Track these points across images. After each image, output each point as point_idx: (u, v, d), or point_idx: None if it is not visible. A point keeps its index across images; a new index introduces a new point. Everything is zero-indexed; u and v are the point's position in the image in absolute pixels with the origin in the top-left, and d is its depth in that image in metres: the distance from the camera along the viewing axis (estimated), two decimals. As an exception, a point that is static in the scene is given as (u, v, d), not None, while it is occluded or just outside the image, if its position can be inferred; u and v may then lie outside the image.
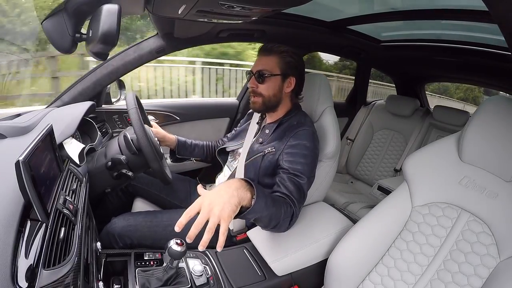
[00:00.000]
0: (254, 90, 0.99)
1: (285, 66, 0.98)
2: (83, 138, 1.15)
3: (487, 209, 0.74)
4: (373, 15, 1.44)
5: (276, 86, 0.98)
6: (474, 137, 0.77)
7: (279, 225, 0.82)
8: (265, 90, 0.98)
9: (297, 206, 0.86)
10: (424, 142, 1.99)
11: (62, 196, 0.66)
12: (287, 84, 1.00)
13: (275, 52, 0.98)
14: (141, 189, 1.22)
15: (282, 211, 0.80)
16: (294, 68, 0.99)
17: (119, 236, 0.95)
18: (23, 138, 0.86)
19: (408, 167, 0.88)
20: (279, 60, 0.97)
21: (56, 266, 0.50)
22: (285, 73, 0.98)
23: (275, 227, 0.83)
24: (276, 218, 0.79)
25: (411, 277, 0.79)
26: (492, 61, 1.52)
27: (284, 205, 0.82)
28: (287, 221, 0.85)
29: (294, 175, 0.89)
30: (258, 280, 0.86)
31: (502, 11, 0.48)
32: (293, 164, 0.91)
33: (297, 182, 0.88)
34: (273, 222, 0.79)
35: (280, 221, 0.81)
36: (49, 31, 0.71)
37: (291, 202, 0.85)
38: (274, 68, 0.97)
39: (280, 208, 0.80)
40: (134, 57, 1.37)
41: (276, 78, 0.98)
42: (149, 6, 0.94)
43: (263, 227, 0.85)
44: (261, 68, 0.98)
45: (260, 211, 0.71)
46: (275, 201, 0.79)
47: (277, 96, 0.99)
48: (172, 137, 1.21)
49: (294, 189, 0.87)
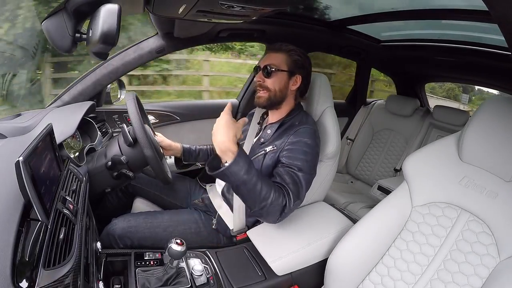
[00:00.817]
0: (260, 83, 1.01)
1: (292, 64, 1.00)
2: (83, 138, 1.15)
3: (487, 209, 0.74)
4: (373, 15, 1.44)
5: (282, 81, 1.00)
6: (474, 137, 0.77)
7: (267, 210, 0.82)
8: (271, 84, 1.00)
9: (292, 199, 0.85)
10: (424, 142, 1.99)
11: (62, 196, 0.66)
12: (293, 81, 1.01)
13: (283, 50, 1.00)
14: (141, 189, 1.22)
15: (271, 193, 0.81)
16: (301, 66, 1.01)
17: (119, 237, 0.95)
18: (23, 138, 0.87)
19: (408, 167, 0.88)
20: (286, 57, 1.00)
21: (56, 266, 0.50)
22: (292, 70, 1.00)
23: (262, 210, 0.82)
24: (259, 196, 0.80)
25: (411, 277, 0.79)
26: (492, 61, 1.52)
27: (275, 190, 0.82)
28: (277, 210, 0.83)
29: (292, 169, 0.90)
30: (258, 280, 0.86)
31: (502, 11, 0.48)
32: (293, 160, 0.91)
33: (295, 175, 0.89)
34: (257, 200, 0.80)
35: (267, 204, 0.81)
36: (49, 31, 0.71)
37: (285, 191, 0.85)
38: (281, 64, 0.99)
39: (269, 188, 0.81)
40: (134, 57, 1.37)
41: (283, 74, 0.99)
42: (149, 6, 0.94)
43: (248, 204, 0.86)
44: (269, 63, 1.00)
45: (238, 174, 0.76)
46: (263, 179, 0.81)
47: (282, 91, 1.01)
48: (178, 145, 1.22)
49: (291, 181, 0.87)
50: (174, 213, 1.07)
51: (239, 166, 0.76)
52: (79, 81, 1.31)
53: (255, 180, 0.79)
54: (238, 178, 0.77)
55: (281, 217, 0.86)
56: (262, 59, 1.04)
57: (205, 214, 1.10)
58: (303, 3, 1.43)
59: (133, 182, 1.20)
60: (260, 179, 0.80)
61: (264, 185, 0.80)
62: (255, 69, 1.06)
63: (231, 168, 0.76)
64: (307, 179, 0.92)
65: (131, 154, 0.99)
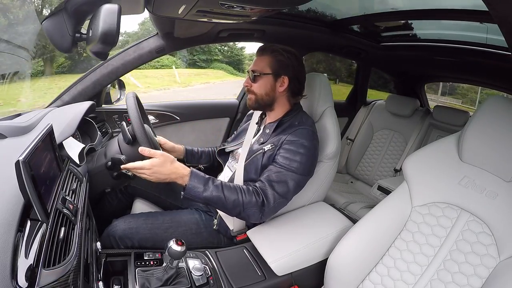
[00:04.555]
0: (248, 88, 1.04)
1: (276, 66, 0.99)
2: (83, 138, 1.15)
3: (487, 209, 0.74)
4: (373, 15, 1.44)
5: (267, 85, 1.00)
6: (474, 137, 0.77)
7: (245, 213, 0.88)
8: (257, 88, 1.01)
9: (271, 197, 0.89)
10: (424, 142, 1.99)
11: (62, 196, 0.66)
12: (280, 83, 1.00)
13: (267, 52, 1.00)
14: (141, 190, 1.22)
15: (239, 198, 0.87)
16: (285, 67, 0.99)
17: (119, 238, 0.94)
18: (23, 138, 0.86)
19: (408, 167, 0.88)
20: (270, 59, 0.99)
21: (56, 266, 0.50)
22: (276, 72, 0.99)
23: (240, 215, 0.89)
24: (228, 205, 0.86)
25: (411, 277, 0.79)
26: (492, 61, 1.52)
27: (244, 193, 0.88)
28: (255, 210, 0.88)
29: (283, 169, 0.91)
30: (258, 280, 0.86)
31: (502, 11, 0.48)
32: (286, 160, 0.92)
33: (283, 175, 0.91)
34: (229, 208, 0.87)
35: (241, 209, 0.87)
36: (49, 31, 0.71)
37: (262, 191, 0.89)
38: (265, 68, 1.00)
39: (235, 195, 0.87)
40: (134, 57, 1.37)
41: (267, 77, 1.00)
42: (149, 6, 0.94)
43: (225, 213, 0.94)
44: (254, 68, 1.01)
45: (197, 194, 0.84)
46: (225, 189, 0.87)
47: (269, 95, 1.01)
48: (180, 148, 1.21)
49: (277, 180, 0.90)
50: (174, 214, 1.07)
51: (195, 188, 0.85)
52: (79, 81, 1.31)
53: (215, 194, 0.85)
54: (200, 197, 0.85)
55: (264, 215, 0.90)
56: (252, 63, 1.04)
57: (205, 214, 1.10)
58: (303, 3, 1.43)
59: (133, 183, 1.20)
60: (222, 190, 0.86)
61: (227, 194, 0.86)
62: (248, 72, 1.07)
63: (189, 192, 0.85)
64: (298, 179, 0.93)
65: (131, 152, 0.99)
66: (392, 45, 1.91)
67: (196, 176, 0.87)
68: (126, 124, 1.02)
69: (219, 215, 1.06)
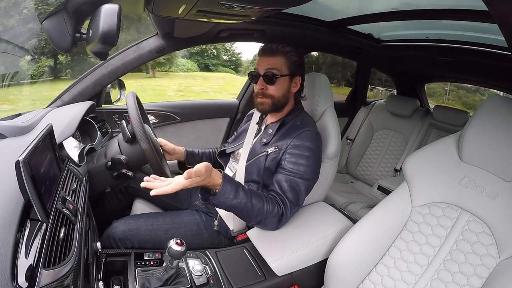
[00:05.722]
0: (263, 92, 0.98)
1: (292, 66, 0.98)
2: (83, 138, 1.15)
3: (487, 209, 0.74)
4: (373, 15, 1.44)
5: (285, 86, 0.98)
6: (474, 137, 0.77)
7: (264, 222, 0.87)
8: (275, 91, 0.97)
9: (288, 207, 0.88)
10: (424, 142, 1.99)
11: (62, 196, 0.66)
12: (294, 84, 1.00)
13: (281, 53, 0.96)
14: (141, 190, 1.21)
15: (264, 207, 0.84)
16: (299, 67, 1.00)
17: (120, 240, 0.94)
18: (23, 138, 0.86)
19: (408, 167, 0.88)
20: (285, 60, 0.97)
21: (56, 266, 0.50)
22: (292, 73, 0.98)
23: (259, 224, 0.88)
24: (252, 212, 0.83)
25: (411, 277, 0.79)
26: (492, 61, 1.52)
27: (268, 203, 0.85)
28: (274, 220, 0.88)
29: (292, 176, 0.90)
30: (258, 280, 0.86)
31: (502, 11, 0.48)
32: (294, 165, 0.91)
33: (294, 182, 0.90)
34: (251, 216, 0.84)
35: (262, 217, 0.85)
36: (49, 31, 0.71)
37: (282, 202, 0.88)
38: (283, 69, 0.96)
39: (261, 204, 0.84)
40: (134, 57, 1.37)
41: (285, 79, 0.98)
42: (149, 6, 0.93)
43: (244, 220, 0.93)
44: (269, 70, 0.96)
45: (226, 201, 0.80)
46: (253, 196, 0.83)
47: (286, 96, 0.99)
48: (181, 149, 1.21)
49: (289, 189, 0.89)
50: (175, 215, 1.07)
51: (225, 194, 0.80)
52: (79, 81, 1.31)
53: (244, 201, 0.82)
54: (227, 204, 0.81)
55: (280, 225, 0.90)
56: (259, 65, 0.98)
57: (206, 215, 1.09)
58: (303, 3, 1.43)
59: (133, 183, 1.19)
60: (250, 198, 0.83)
61: (255, 202, 0.83)
62: (250, 75, 1.02)
63: (218, 199, 0.80)
64: (307, 185, 0.93)
65: (130, 151, 0.99)
66: (392, 45, 1.91)
67: (229, 182, 0.81)
68: (126, 123, 1.02)
69: (219, 216, 1.06)
